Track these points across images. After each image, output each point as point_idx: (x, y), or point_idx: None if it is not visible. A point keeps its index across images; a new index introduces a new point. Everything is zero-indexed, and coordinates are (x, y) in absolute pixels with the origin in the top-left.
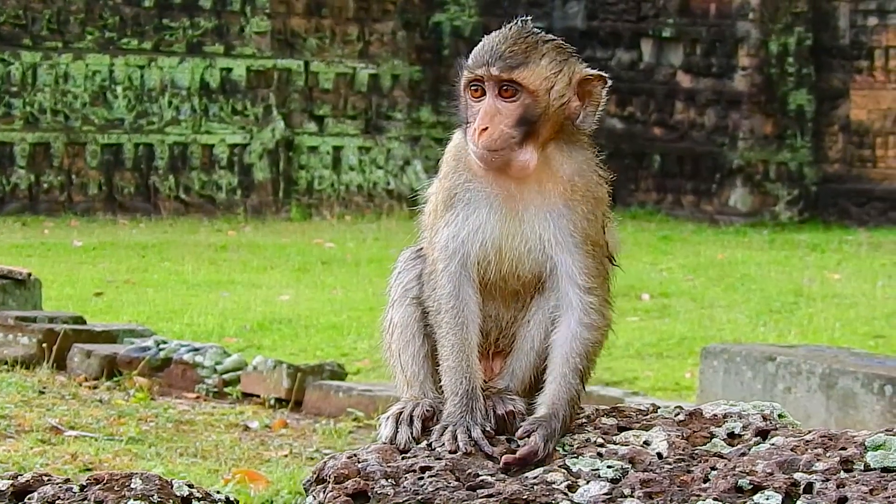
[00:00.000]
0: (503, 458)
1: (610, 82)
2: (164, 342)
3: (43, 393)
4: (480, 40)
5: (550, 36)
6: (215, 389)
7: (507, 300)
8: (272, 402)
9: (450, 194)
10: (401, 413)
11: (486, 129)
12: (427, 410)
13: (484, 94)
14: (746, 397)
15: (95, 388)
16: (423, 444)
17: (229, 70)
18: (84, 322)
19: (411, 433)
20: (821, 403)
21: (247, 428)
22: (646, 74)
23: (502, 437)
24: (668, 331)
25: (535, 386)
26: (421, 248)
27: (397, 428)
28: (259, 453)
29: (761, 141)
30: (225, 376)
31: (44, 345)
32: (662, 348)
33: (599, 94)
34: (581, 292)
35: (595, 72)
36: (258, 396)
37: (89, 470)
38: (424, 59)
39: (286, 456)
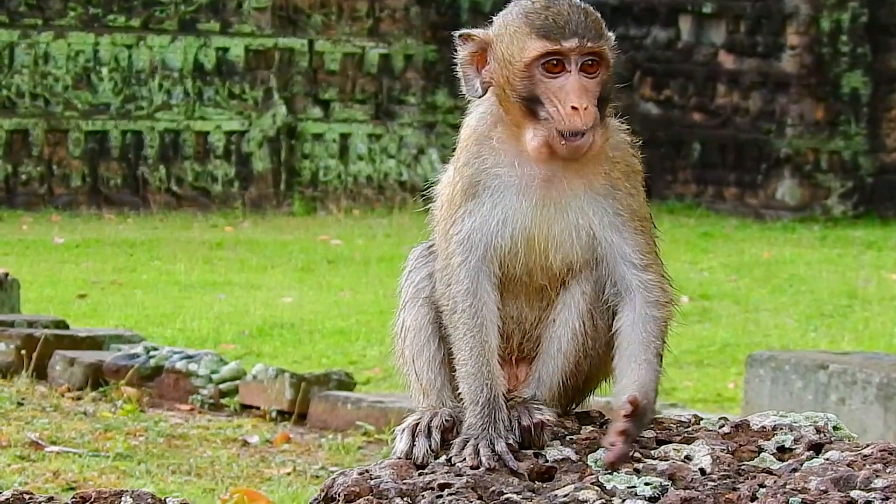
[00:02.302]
0: (605, 458)
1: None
2: (155, 349)
3: (21, 405)
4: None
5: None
6: (211, 401)
7: (530, 298)
8: (273, 414)
9: (472, 182)
10: (417, 424)
11: (587, 107)
12: (446, 421)
13: (563, 68)
14: (796, 409)
15: (79, 399)
16: (442, 458)
17: (226, 50)
18: (66, 327)
19: (429, 446)
20: (878, 416)
21: (245, 443)
22: (684, 54)
23: (529, 452)
24: (709, 337)
25: (565, 393)
26: (432, 245)
27: (414, 441)
28: (259, 471)
29: (811, 128)
30: (221, 386)
31: (22, 352)
32: (703, 356)
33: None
34: (639, 271)
35: (611, 33)
36: (258, 408)
37: (73, 489)
38: (440, 38)
39: (289, 474)
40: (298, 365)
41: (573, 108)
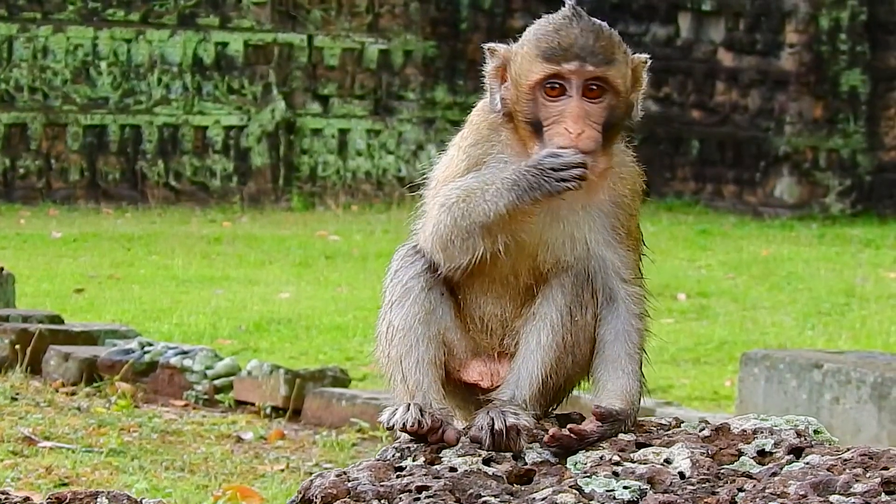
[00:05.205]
0: (550, 431)
1: (649, 62)
2: (150, 344)
3: (15, 399)
4: (500, 14)
5: (605, 24)
6: (205, 397)
7: (515, 298)
8: (268, 410)
9: (478, 161)
10: (408, 405)
11: (582, 132)
12: (436, 419)
13: (563, 92)
14: (790, 408)
15: (73, 394)
16: (421, 460)
17: (225, 44)
18: (62, 321)
19: (420, 417)
20: (872, 415)
21: (240, 439)
22: (683, 52)
23: (508, 455)
24: (706, 334)
25: (545, 394)
26: (417, 245)
27: (408, 410)
28: (253, 467)
29: (810, 125)
30: (216, 382)
31: (17, 346)
32: (700, 353)
33: (643, 78)
34: (627, 285)
35: (644, 56)
36: (253, 405)
37: (65, 485)
38: (440, 34)
39: (282, 470)
40: (295, 361)
41: (567, 131)
